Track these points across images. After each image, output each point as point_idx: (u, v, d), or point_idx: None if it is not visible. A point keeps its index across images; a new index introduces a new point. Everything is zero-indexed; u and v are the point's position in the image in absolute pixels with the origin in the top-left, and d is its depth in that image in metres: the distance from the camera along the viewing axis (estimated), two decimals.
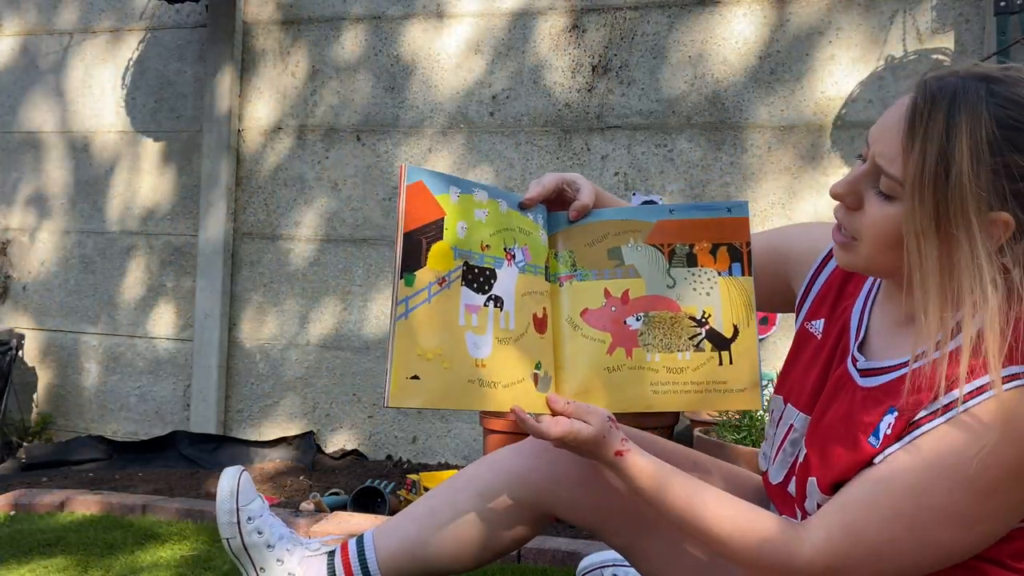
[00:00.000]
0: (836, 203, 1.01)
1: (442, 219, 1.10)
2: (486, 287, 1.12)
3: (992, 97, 0.88)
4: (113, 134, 3.57)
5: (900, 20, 2.77)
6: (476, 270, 1.12)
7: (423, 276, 1.07)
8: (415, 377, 1.04)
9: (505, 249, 1.15)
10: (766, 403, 2.15)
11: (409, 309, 1.05)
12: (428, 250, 1.08)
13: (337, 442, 3.25)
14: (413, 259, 1.07)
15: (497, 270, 1.13)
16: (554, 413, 1.09)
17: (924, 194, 0.88)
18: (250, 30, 3.40)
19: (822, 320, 1.14)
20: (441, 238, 1.09)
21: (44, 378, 3.61)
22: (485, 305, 1.11)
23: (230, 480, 1.28)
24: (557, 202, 1.22)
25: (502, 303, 1.13)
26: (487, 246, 1.13)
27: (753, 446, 2.20)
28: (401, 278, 1.05)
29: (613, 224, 1.21)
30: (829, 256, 1.17)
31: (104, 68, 3.60)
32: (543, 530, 1.29)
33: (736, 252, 1.19)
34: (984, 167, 0.87)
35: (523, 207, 1.18)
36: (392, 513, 2.35)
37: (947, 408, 0.90)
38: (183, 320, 3.45)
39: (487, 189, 1.15)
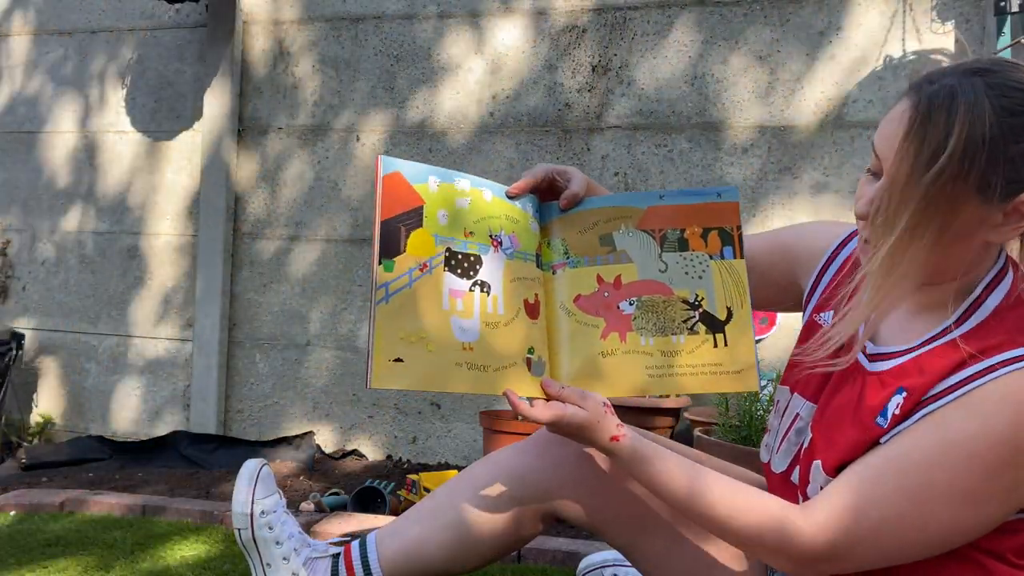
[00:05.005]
0: (859, 222, 1.01)
1: (421, 207, 1.11)
2: (471, 272, 1.12)
3: (991, 90, 0.89)
4: (113, 134, 3.57)
5: (900, 20, 2.77)
6: (460, 256, 1.12)
7: (403, 262, 1.08)
8: (398, 360, 1.04)
9: (490, 236, 1.15)
10: (766, 397, 2.14)
11: (389, 294, 1.06)
12: (407, 237, 1.09)
13: (337, 442, 3.25)
14: (391, 246, 1.07)
15: (483, 256, 1.14)
16: (549, 397, 1.10)
17: (913, 189, 0.90)
18: (250, 30, 3.40)
19: (831, 312, 1.14)
20: (421, 225, 1.10)
21: (44, 378, 3.61)
22: (471, 290, 1.12)
23: (250, 472, 1.30)
24: (549, 192, 1.24)
25: (489, 288, 1.13)
26: (471, 233, 1.14)
27: (754, 447, 2.20)
28: (380, 264, 1.06)
29: (604, 211, 1.22)
30: (837, 250, 1.18)
31: (104, 68, 3.60)
32: (545, 530, 1.29)
33: (727, 236, 1.20)
34: (977, 161, 0.88)
35: (510, 196, 1.20)
36: (392, 513, 2.36)
37: (956, 387, 0.91)
38: (183, 320, 3.45)
39: (469, 178, 1.16)
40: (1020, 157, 0.88)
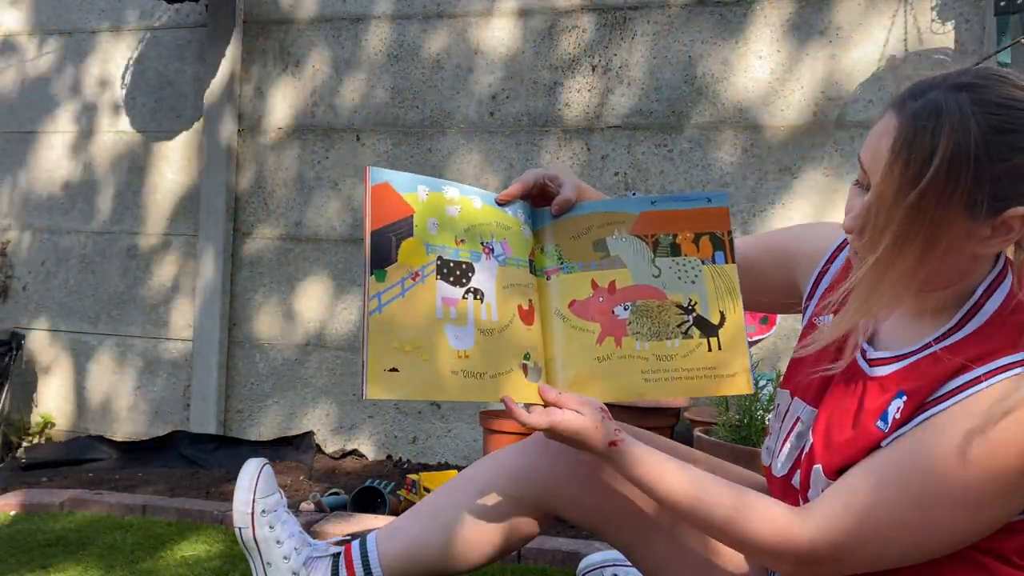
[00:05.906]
0: (849, 235, 1.01)
1: (411, 216, 1.11)
2: (463, 280, 1.13)
3: (979, 106, 0.88)
4: (113, 134, 3.57)
5: (900, 20, 2.77)
6: (451, 264, 1.12)
7: (395, 272, 1.08)
8: (393, 370, 1.04)
9: (482, 243, 1.16)
10: (766, 397, 2.14)
11: (382, 304, 1.06)
12: (398, 246, 1.09)
13: (337, 442, 3.25)
14: (383, 256, 1.08)
15: (475, 263, 1.14)
16: (546, 403, 1.10)
17: (898, 207, 0.90)
18: (250, 30, 3.40)
19: (831, 316, 1.14)
20: (411, 235, 1.10)
21: (44, 378, 3.61)
22: (464, 297, 1.12)
23: (251, 471, 1.30)
24: (540, 198, 1.24)
25: (482, 295, 1.13)
26: (462, 241, 1.14)
27: (754, 447, 2.20)
28: (371, 274, 1.06)
29: (597, 216, 1.22)
30: (836, 253, 1.18)
31: (104, 68, 3.60)
32: (545, 529, 1.29)
33: (718, 241, 1.20)
34: (963, 179, 0.87)
35: (500, 202, 1.20)
36: (392, 513, 2.36)
37: (956, 391, 0.91)
38: (183, 320, 3.45)
39: (458, 187, 1.17)
40: (1006, 174, 0.88)
